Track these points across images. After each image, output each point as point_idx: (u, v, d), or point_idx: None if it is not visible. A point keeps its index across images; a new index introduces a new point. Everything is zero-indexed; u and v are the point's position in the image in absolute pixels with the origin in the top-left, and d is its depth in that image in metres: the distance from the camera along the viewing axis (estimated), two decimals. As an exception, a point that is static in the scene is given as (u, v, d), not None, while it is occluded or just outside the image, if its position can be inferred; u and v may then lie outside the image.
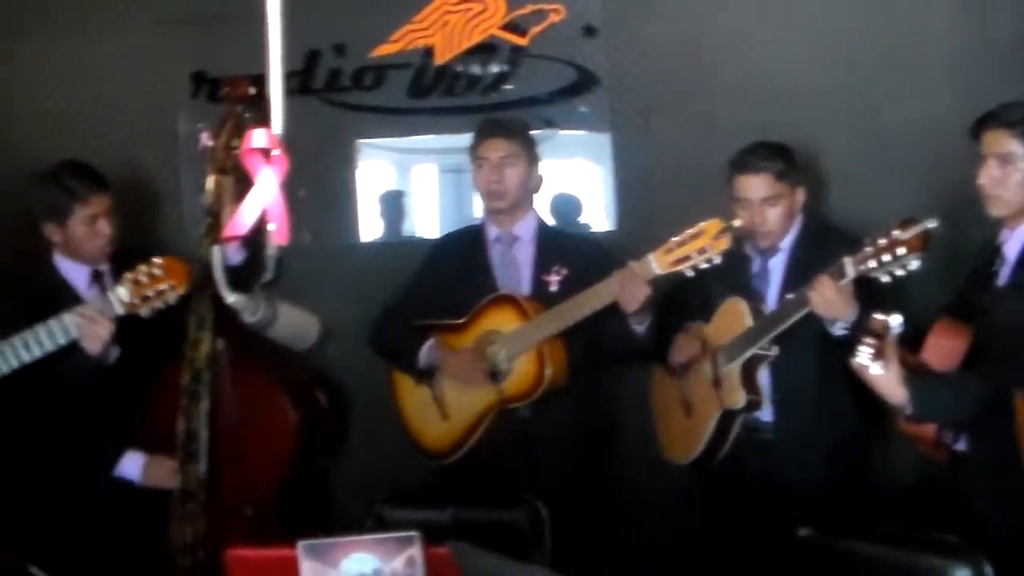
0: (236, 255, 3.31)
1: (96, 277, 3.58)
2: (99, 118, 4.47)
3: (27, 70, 4.54)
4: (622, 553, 3.94)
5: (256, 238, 2.35)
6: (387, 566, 2.23)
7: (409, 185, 4.76)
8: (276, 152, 2.03)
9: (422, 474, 3.88)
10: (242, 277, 3.26)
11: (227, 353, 3.50)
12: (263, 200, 2.00)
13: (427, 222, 4.76)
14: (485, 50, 4.28)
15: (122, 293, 3.20)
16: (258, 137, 2.04)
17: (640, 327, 3.51)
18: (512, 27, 4.25)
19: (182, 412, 3.44)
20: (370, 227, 4.56)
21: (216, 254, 3.17)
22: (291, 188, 2.15)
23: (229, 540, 3.09)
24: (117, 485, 3.52)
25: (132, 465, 3.51)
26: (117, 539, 3.47)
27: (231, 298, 3.18)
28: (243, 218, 2.02)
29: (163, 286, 3.19)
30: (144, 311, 3.21)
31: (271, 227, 2.06)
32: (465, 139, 3.86)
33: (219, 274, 3.17)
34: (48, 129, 4.46)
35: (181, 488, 3.48)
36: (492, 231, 3.80)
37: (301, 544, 2.22)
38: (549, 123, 4.25)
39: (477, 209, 4.24)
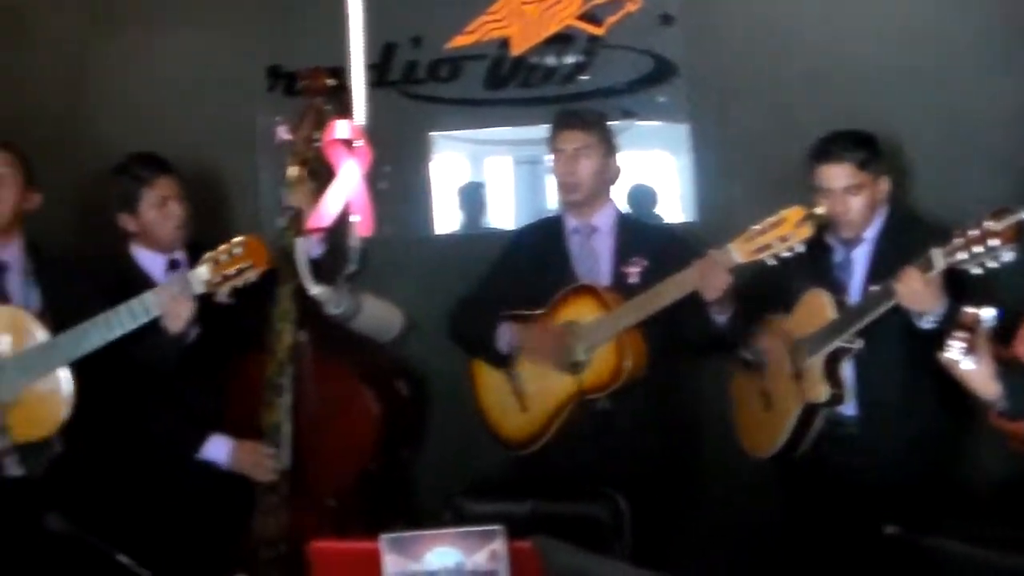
0: (317, 247, 3.32)
1: (173, 266, 3.63)
2: (176, 113, 4.51)
3: (105, 65, 4.61)
4: (702, 547, 3.91)
5: (337, 229, 2.34)
6: (470, 560, 2.22)
7: (483, 177, 4.74)
8: (359, 143, 2.02)
9: (501, 466, 3.87)
10: (324, 269, 3.27)
11: (310, 345, 3.51)
12: (346, 191, 2.00)
13: (502, 214, 4.74)
14: (561, 40, 4.26)
15: (202, 272, 3.23)
16: (341, 128, 2.04)
17: (721, 317, 3.46)
18: (588, 17, 4.22)
19: (265, 404, 3.46)
20: (445, 219, 4.56)
21: (300, 246, 3.17)
22: (371, 180, 2.15)
23: (312, 532, 3.11)
24: (202, 473, 3.56)
25: (218, 448, 3.54)
26: (201, 530, 3.50)
27: (315, 290, 3.18)
28: (327, 210, 2.02)
29: (242, 265, 3.20)
30: (224, 290, 3.23)
31: (355, 219, 2.05)
32: (541, 130, 3.85)
33: (303, 266, 3.17)
34: (126, 124, 4.51)
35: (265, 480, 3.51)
36: (571, 222, 3.77)
37: (384, 537, 2.22)
38: (627, 113, 4.22)
39: (552, 200, 4.21)
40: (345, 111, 2.15)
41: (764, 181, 4.03)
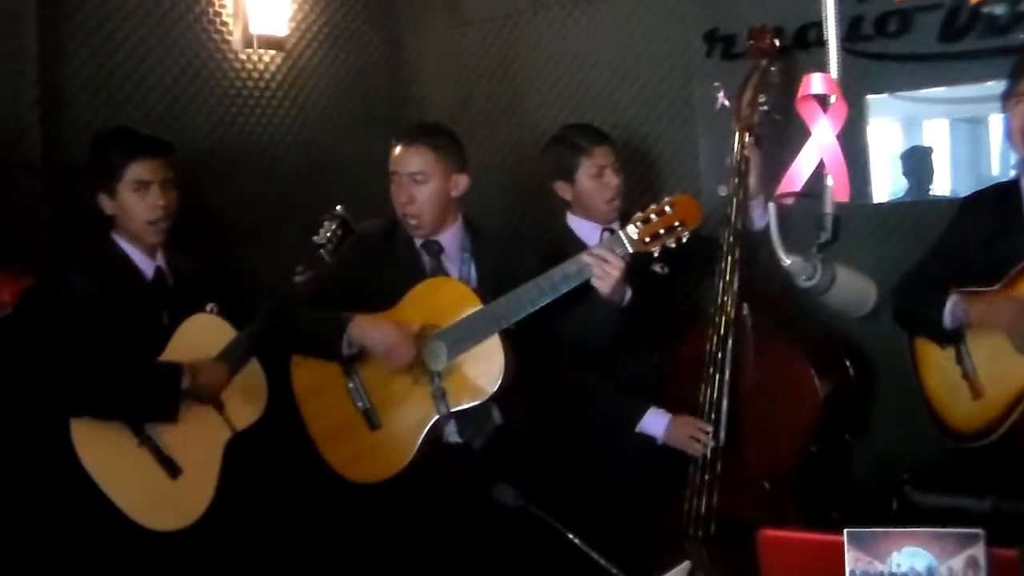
0: (762, 217, 3.16)
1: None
2: (610, 84, 4.52)
3: (536, 40, 4.68)
4: None
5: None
6: (943, 565, 2.00)
7: (918, 139, 4.38)
8: (833, 99, 1.84)
9: (944, 454, 3.54)
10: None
11: (752, 319, 3.40)
12: (820, 152, 1.82)
13: (940, 179, 4.37)
14: (1033, -23, 3.80)
15: (631, 231, 3.17)
16: (816, 83, 1.86)
17: None
18: (1069, -54, 3.73)
19: (705, 379, 3.41)
20: (883, 186, 4.25)
21: (772, 213, 3.03)
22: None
23: (744, 513, 2.99)
24: (637, 447, 3.55)
25: (656, 422, 3.53)
26: (633, 505, 3.49)
27: (787, 261, 3.04)
28: (800, 172, 1.86)
29: (673, 224, 3.11)
30: (654, 249, 3.15)
31: (829, 182, 1.87)
32: (984, 88, 3.56)
33: (775, 234, 3.03)
34: (559, 99, 4.56)
35: (700, 457, 3.44)
36: (1029, 186, 3.39)
37: (848, 531, 2.06)
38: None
39: (995, 166, 3.82)
40: (790, 73, 1.98)
41: None
